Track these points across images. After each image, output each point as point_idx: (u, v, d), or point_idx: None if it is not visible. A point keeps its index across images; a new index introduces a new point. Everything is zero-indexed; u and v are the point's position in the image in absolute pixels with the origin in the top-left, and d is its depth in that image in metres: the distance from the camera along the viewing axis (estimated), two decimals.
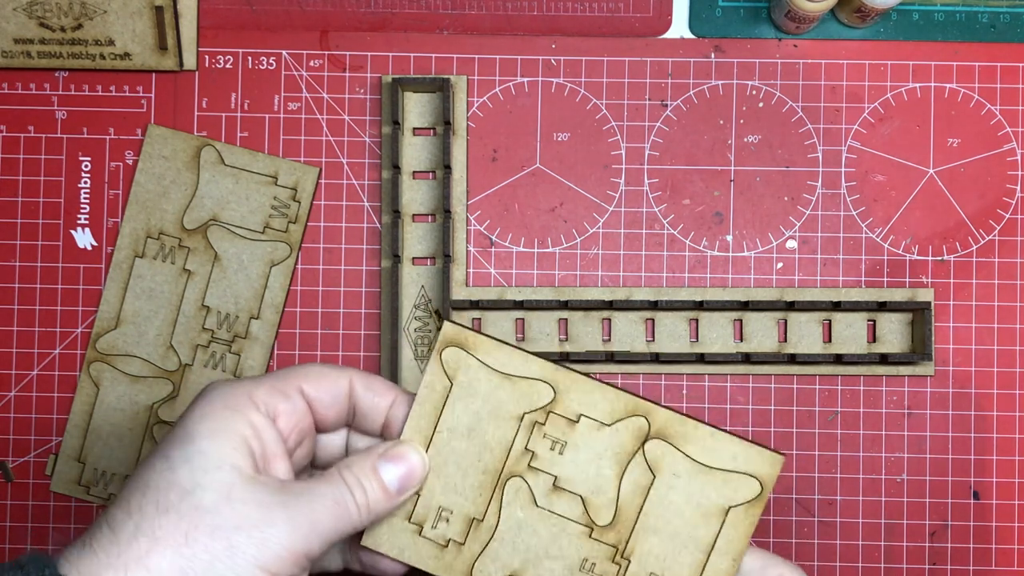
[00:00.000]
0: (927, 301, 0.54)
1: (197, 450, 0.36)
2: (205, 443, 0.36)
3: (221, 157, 0.56)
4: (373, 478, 0.39)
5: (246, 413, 0.37)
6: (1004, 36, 0.56)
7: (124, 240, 0.56)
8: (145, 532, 0.35)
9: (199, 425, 0.37)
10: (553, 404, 0.41)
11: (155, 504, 0.35)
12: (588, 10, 0.57)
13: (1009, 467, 0.55)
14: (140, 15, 0.56)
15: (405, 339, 0.55)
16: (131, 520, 0.35)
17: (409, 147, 0.56)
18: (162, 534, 0.35)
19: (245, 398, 0.38)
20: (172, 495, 0.35)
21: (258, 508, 0.36)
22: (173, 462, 0.36)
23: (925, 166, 0.56)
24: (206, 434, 0.36)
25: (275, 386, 0.38)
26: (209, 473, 0.36)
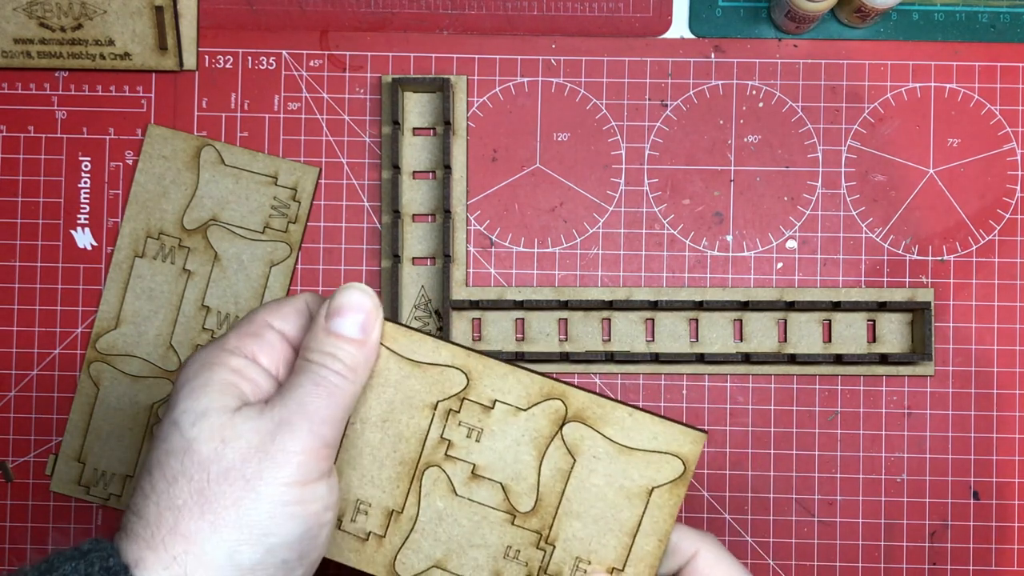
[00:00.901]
0: (927, 301, 0.54)
1: (181, 411, 0.36)
2: (187, 402, 0.36)
3: (221, 157, 0.56)
4: (334, 340, 0.38)
5: (225, 361, 0.37)
6: (1004, 36, 0.56)
7: (124, 240, 0.56)
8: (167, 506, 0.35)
9: (180, 392, 0.37)
10: (466, 391, 0.40)
11: (163, 478, 0.35)
12: (588, 10, 0.57)
13: (1009, 467, 0.55)
14: (140, 15, 0.56)
15: None
16: (150, 501, 0.35)
17: (409, 147, 0.56)
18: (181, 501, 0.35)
19: (218, 351, 0.38)
20: (173, 462, 0.35)
21: (255, 434, 0.36)
22: (164, 432, 0.36)
23: (925, 166, 0.56)
24: (187, 395, 0.37)
25: (244, 331, 0.38)
26: (196, 425, 0.36)
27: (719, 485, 0.55)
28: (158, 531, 0.35)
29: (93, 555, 0.34)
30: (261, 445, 0.36)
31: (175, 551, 0.34)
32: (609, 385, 0.56)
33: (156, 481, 0.36)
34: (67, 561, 0.34)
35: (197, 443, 0.36)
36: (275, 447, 0.36)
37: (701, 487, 0.55)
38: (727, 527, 0.55)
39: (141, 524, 0.35)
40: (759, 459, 0.55)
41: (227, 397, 0.37)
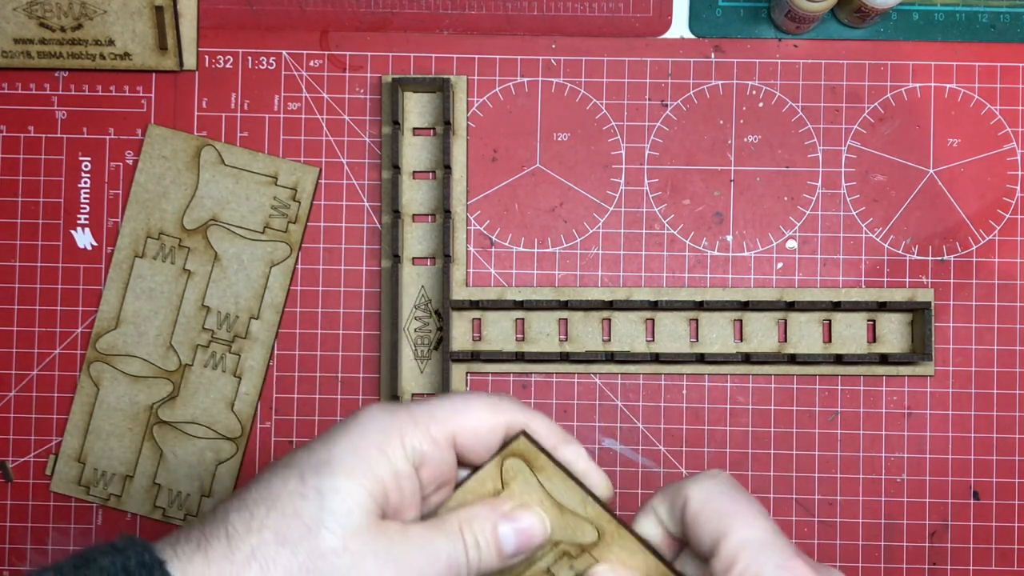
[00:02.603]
0: (927, 301, 0.54)
1: (332, 487, 0.34)
2: (343, 481, 0.35)
3: (221, 157, 0.56)
4: (492, 537, 0.37)
5: (394, 459, 0.35)
6: (1004, 36, 0.56)
7: (124, 240, 0.56)
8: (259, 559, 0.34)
9: (344, 457, 0.35)
10: (592, 547, 0.40)
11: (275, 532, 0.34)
12: (588, 10, 0.57)
13: (1009, 467, 0.55)
14: (140, 15, 0.56)
15: (405, 339, 0.55)
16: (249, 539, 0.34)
17: (409, 147, 0.56)
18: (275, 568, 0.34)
19: (397, 440, 0.36)
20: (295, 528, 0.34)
21: (372, 560, 0.35)
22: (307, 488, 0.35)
23: (925, 166, 0.56)
24: (348, 470, 0.35)
25: (429, 431, 0.36)
26: (337, 516, 0.34)
27: None
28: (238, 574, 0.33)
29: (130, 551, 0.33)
30: (377, 571, 0.34)
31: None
32: (609, 385, 0.56)
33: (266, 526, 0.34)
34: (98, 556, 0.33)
35: (326, 531, 0.34)
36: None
37: None
38: None
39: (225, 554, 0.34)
40: (759, 459, 0.55)
41: (376, 502, 0.35)
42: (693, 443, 0.55)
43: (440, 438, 0.36)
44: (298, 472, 0.35)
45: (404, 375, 0.55)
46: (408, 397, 0.55)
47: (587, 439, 0.55)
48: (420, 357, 0.56)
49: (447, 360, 0.54)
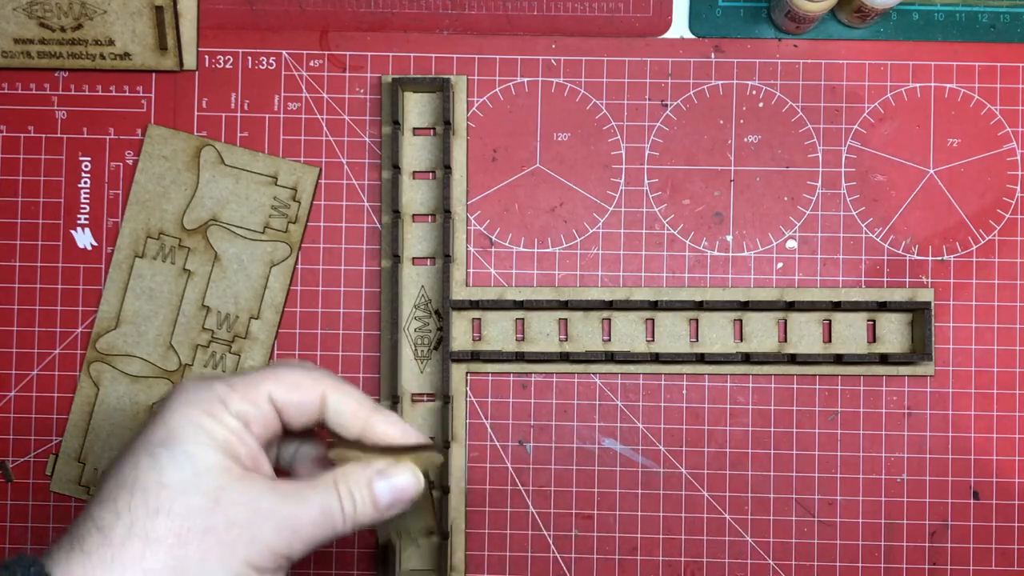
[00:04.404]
0: (927, 301, 0.54)
1: (184, 452, 0.36)
2: (192, 446, 0.36)
3: (221, 157, 0.56)
4: (366, 490, 0.39)
5: (225, 420, 0.38)
6: (1004, 36, 0.56)
7: (124, 240, 0.56)
8: (138, 534, 0.35)
9: (182, 426, 0.37)
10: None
11: (145, 506, 0.35)
12: (588, 10, 0.57)
13: (1009, 467, 0.55)
14: (140, 15, 0.56)
15: (405, 339, 0.55)
16: (121, 521, 0.35)
17: (409, 147, 0.56)
18: (155, 536, 0.35)
19: (220, 405, 0.38)
20: (163, 497, 0.36)
21: (247, 509, 0.36)
22: (160, 462, 0.36)
23: (925, 166, 0.56)
24: (190, 437, 0.37)
25: (247, 395, 0.38)
26: (199, 476, 0.36)
27: (719, 485, 0.55)
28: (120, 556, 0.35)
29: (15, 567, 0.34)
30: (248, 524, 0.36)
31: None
32: (609, 385, 0.56)
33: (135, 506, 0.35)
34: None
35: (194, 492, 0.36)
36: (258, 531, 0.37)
37: (701, 487, 0.55)
38: (727, 527, 0.55)
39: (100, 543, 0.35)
40: (759, 459, 0.55)
41: (228, 458, 0.37)
42: (693, 443, 0.55)
43: (258, 398, 0.38)
44: (146, 452, 0.36)
45: (404, 375, 0.55)
46: (408, 397, 0.55)
47: (587, 439, 0.56)
48: (420, 357, 0.56)
49: (447, 360, 0.54)
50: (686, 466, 0.55)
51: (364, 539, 0.56)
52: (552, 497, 0.55)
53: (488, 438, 0.56)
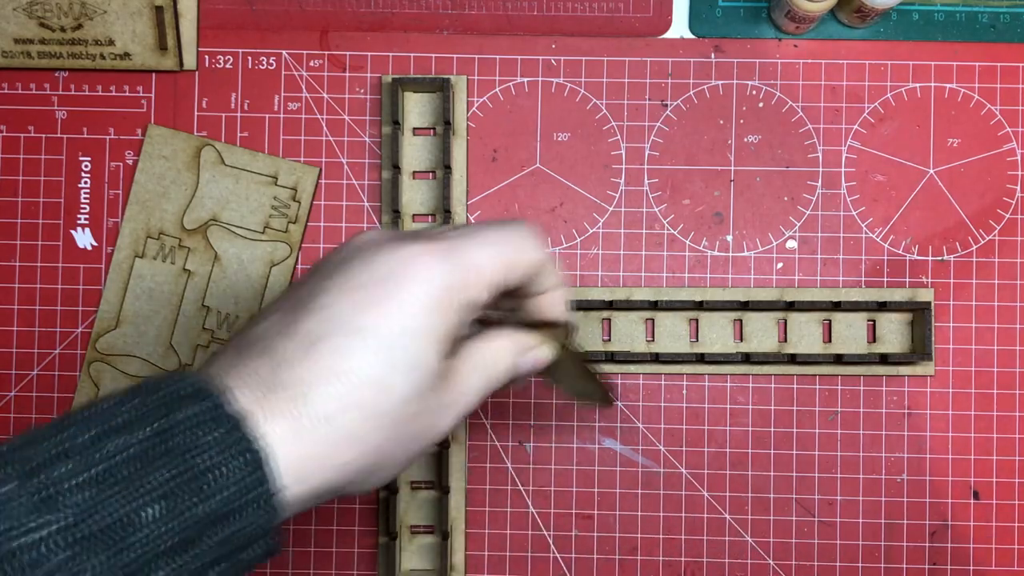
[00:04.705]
0: (927, 301, 0.54)
1: (402, 349, 0.33)
2: (411, 347, 0.33)
3: (221, 157, 0.56)
4: (510, 363, 0.39)
5: (450, 318, 0.35)
6: (1004, 36, 0.56)
7: (124, 240, 0.56)
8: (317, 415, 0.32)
9: (417, 318, 0.34)
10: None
11: (336, 379, 0.32)
12: (588, 10, 0.57)
13: (1009, 467, 0.55)
14: (140, 15, 0.56)
15: None
16: (311, 378, 0.32)
17: (409, 147, 0.56)
18: (339, 401, 0.32)
19: (459, 301, 0.35)
20: (352, 382, 0.32)
21: (430, 414, 0.35)
22: (368, 344, 0.33)
23: (925, 166, 0.56)
24: (410, 336, 0.33)
25: (480, 292, 0.36)
26: (403, 375, 0.33)
27: (719, 485, 0.55)
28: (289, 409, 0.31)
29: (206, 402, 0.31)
30: (429, 424, 0.35)
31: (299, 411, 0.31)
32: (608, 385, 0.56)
33: (329, 372, 0.32)
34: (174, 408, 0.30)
35: (387, 391, 0.33)
36: (436, 423, 0.35)
37: (701, 487, 0.55)
38: (727, 527, 0.55)
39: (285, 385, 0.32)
40: (759, 459, 0.55)
41: (437, 357, 0.34)
42: (693, 443, 0.55)
43: (484, 293, 0.36)
44: (355, 329, 0.33)
45: None
46: None
47: (587, 439, 0.56)
48: None
49: None
50: (686, 466, 0.55)
51: (364, 539, 0.56)
52: (552, 497, 0.55)
53: (488, 438, 0.56)
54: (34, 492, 0.28)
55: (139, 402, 0.31)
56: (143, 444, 0.30)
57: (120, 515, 0.28)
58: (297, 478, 0.31)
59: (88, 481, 0.28)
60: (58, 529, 0.27)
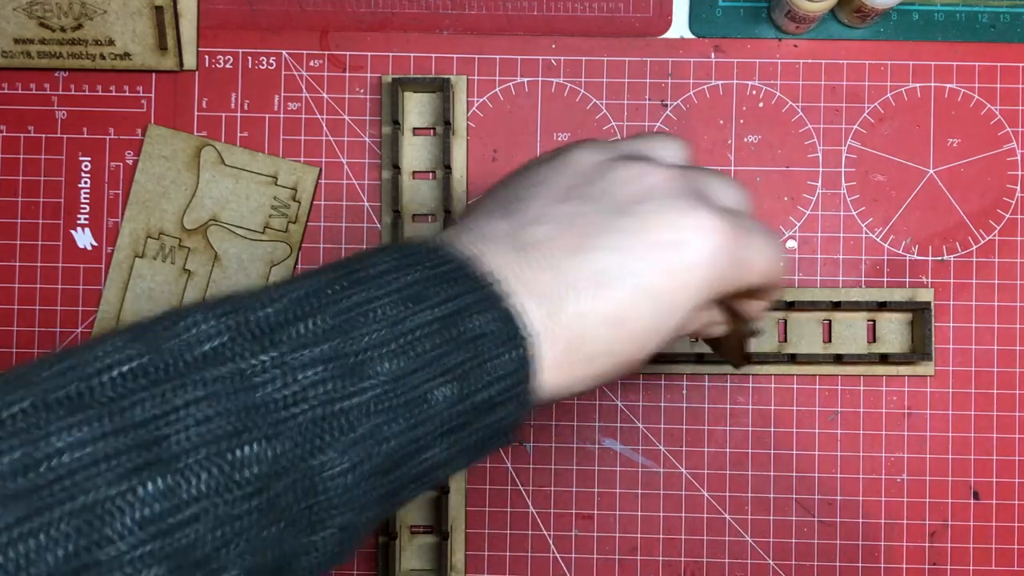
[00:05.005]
0: (927, 301, 0.54)
1: (676, 317, 0.34)
2: (683, 315, 0.35)
3: (221, 157, 0.56)
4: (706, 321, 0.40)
5: (712, 296, 0.36)
6: (1004, 36, 0.56)
7: (124, 240, 0.56)
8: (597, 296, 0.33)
9: (697, 293, 0.35)
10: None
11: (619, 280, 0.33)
12: (588, 10, 0.57)
13: (1009, 467, 0.55)
14: (140, 15, 0.56)
15: None
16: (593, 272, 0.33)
17: (409, 147, 0.56)
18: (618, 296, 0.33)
19: (720, 292, 0.36)
20: (627, 342, 0.34)
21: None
22: (657, 308, 0.34)
23: (925, 166, 0.56)
24: (690, 306, 0.35)
25: (739, 288, 0.37)
26: (661, 339, 0.35)
27: (719, 485, 0.55)
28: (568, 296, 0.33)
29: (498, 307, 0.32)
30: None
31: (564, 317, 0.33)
32: (609, 385, 0.56)
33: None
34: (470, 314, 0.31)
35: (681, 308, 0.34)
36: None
37: (701, 487, 0.55)
38: (727, 527, 0.55)
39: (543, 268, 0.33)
40: (759, 459, 0.55)
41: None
42: (693, 443, 0.55)
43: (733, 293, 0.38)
44: (655, 302, 0.34)
45: None
46: None
47: (587, 439, 0.56)
48: None
49: None
50: (686, 466, 0.55)
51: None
52: (552, 497, 0.55)
53: None
54: (350, 356, 0.29)
55: (425, 275, 0.32)
56: (438, 324, 0.31)
57: (420, 391, 0.30)
58: (546, 383, 0.33)
59: (394, 352, 0.30)
60: (371, 397, 0.29)
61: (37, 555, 0.24)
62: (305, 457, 0.28)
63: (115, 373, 0.27)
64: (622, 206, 0.35)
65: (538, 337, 0.32)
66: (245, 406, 0.27)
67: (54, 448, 0.25)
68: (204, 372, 0.28)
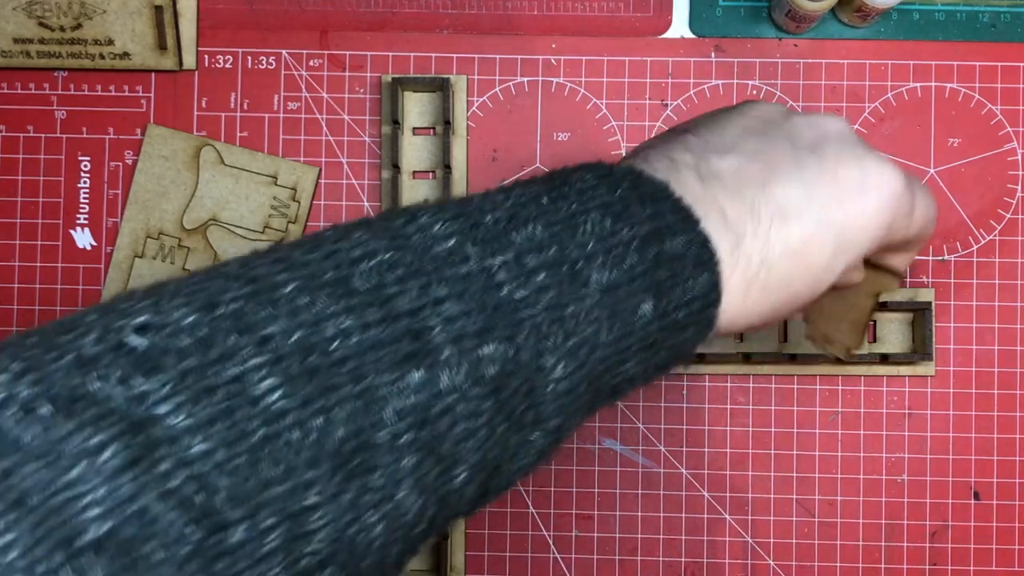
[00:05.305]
0: (928, 301, 0.54)
1: (851, 255, 0.36)
2: (856, 256, 0.36)
3: (221, 157, 0.56)
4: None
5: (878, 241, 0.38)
6: (1005, 36, 0.56)
7: (124, 240, 0.56)
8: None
9: (872, 238, 0.37)
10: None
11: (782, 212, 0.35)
12: (588, 10, 0.57)
13: (1010, 467, 0.55)
14: (139, 14, 0.56)
15: None
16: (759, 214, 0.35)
17: (409, 147, 0.56)
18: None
19: (885, 238, 0.38)
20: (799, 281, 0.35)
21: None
22: (837, 244, 0.35)
23: (926, 166, 0.56)
24: (863, 249, 0.36)
25: (899, 235, 0.39)
26: (832, 276, 0.36)
27: (720, 485, 0.55)
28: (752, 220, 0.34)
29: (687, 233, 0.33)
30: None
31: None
32: None
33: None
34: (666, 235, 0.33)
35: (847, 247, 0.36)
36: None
37: (701, 487, 0.55)
38: (727, 527, 0.55)
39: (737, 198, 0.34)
40: (759, 459, 0.55)
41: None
42: (693, 443, 0.55)
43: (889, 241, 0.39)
44: (838, 238, 0.36)
45: None
46: None
47: (587, 439, 0.55)
48: None
49: None
50: (686, 466, 0.55)
51: None
52: (552, 497, 0.55)
53: None
54: (569, 263, 0.30)
55: (626, 194, 0.33)
56: (639, 241, 0.32)
57: (628, 304, 0.31)
58: (724, 310, 0.34)
59: (605, 264, 0.31)
60: (590, 305, 0.30)
61: (325, 434, 0.25)
62: (533, 358, 0.29)
63: (372, 263, 0.28)
64: (807, 145, 0.36)
65: (723, 264, 0.33)
66: (491, 304, 0.28)
67: (330, 333, 0.26)
68: (452, 269, 0.29)
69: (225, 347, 0.25)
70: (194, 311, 0.26)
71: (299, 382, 0.25)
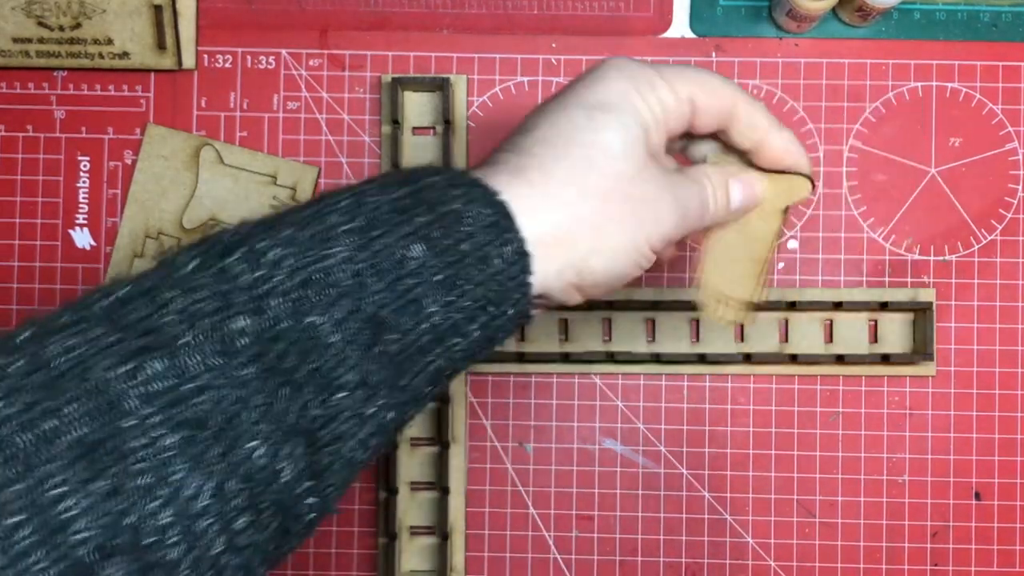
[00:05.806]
0: (929, 301, 0.54)
1: (619, 120, 0.37)
2: (625, 117, 0.37)
3: (220, 157, 0.56)
4: (722, 190, 0.41)
5: (650, 101, 0.38)
6: (1006, 35, 0.56)
7: (123, 240, 0.56)
8: (575, 182, 0.36)
9: (617, 97, 0.37)
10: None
11: (585, 160, 0.36)
12: (588, 9, 0.56)
13: (1011, 468, 0.55)
14: (139, 14, 0.56)
15: None
16: (560, 165, 0.36)
17: (409, 147, 0.56)
18: (587, 188, 0.36)
19: (648, 87, 0.38)
20: (597, 156, 0.36)
21: (656, 187, 0.38)
22: (597, 123, 0.37)
23: (926, 166, 0.56)
24: (624, 108, 0.37)
25: (673, 87, 0.39)
26: (628, 146, 0.37)
27: (720, 486, 0.55)
28: (553, 197, 0.36)
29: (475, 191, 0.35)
30: (656, 200, 0.37)
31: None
32: (609, 385, 0.55)
33: (575, 161, 0.36)
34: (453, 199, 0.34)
35: (625, 160, 0.37)
36: (663, 210, 0.38)
37: (702, 487, 0.55)
38: (728, 528, 0.55)
39: (542, 179, 0.36)
40: (760, 460, 0.55)
41: (646, 136, 0.38)
42: (694, 444, 0.55)
43: (681, 93, 0.39)
44: (583, 111, 0.37)
45: None
46: None
47: (587, 439, 0.55)
48: None
49: None
50: (687, 467, 0.55)
51: (364, 540, 0.55)
52: (552, 498, 0.55)
53: (488, 439, 0.56)
54: (314, 234, 0.32)
55: (389, 177, 0.35)
56: (401, 202, 0.34)
57: (392, 249, 0.33)
58: (532, 239, 0.35)
59: (358, 228, 0.33)
60: (343, 258, 0.32)
61: (58, 431, 0.27)
62: (297, 319, 0.31)
63: (111, 299, 0.31)
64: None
65: (505, 195, 0.35)
66: (224, 290, 0.31)
67: (54, 351, 0.29)
68: (188, 281, 0.31)
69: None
70: None
71: (19, 393, 0.28)
